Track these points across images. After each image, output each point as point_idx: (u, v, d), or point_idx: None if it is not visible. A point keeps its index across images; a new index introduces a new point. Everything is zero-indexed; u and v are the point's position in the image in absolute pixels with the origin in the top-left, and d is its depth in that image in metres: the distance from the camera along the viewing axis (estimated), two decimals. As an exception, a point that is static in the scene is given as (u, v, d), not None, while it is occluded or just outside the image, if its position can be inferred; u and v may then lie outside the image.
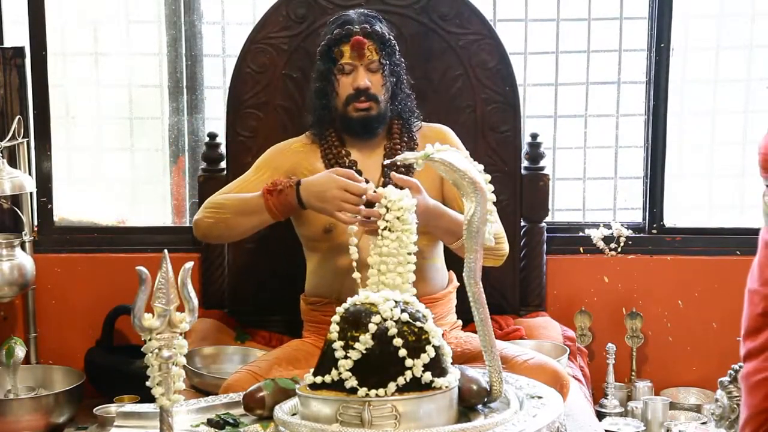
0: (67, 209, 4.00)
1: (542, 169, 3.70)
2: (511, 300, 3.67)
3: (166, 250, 2.09)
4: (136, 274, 2.02)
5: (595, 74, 4.00)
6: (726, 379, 2.99)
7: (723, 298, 3.83)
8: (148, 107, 4.05)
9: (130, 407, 2.47)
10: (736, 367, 2.94)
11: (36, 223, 3.92)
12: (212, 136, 3.70)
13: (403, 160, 2.43)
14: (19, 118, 3.74)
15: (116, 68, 3.99)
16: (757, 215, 2.47)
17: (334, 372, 2.20)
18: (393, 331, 2.20)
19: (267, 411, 2.39)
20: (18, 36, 3.88)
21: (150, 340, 2.07)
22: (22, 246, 3.74)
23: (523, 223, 3.68)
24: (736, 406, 2.93)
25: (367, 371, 2.18)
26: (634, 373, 3.88)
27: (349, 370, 2.18)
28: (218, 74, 4.00)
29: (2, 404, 3.52)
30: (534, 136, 3.71)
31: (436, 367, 2.22)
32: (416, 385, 2.19)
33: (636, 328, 3.87)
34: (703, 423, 3.63)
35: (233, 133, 3.58)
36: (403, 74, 3.15)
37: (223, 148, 3.65)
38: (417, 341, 2.21)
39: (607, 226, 3.90)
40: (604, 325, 3.90)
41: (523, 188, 3.64)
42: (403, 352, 2.18)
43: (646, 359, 3.93)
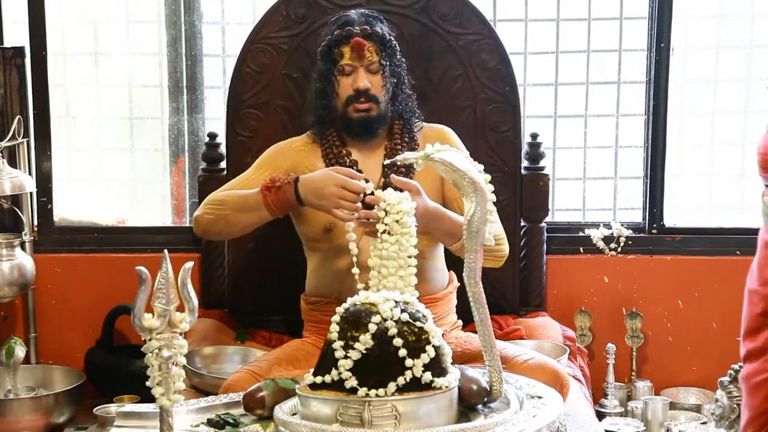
0: (67, 209, 4.00)
1: (542, 169, 3.70)
2: (511, 300, 3.67)
3: (166, 250, 2.09)
4: (136, 274, 2.02)
5: (595, 74, 3.99)
6: (726, 379, 2.99)
7: (723, 298, 3.83)
8: (148, 107, 4.05)
9: (130, 407, 2.47)
10: (736, 367, 2.93)
11: (36, 223, 3.91)
12: (212, 136, 3.70)
13: (403, 160, 2.43)
14: (19, 118, 3.74)
15: (116, 68, 3.99)
16: (757, 215, 2.47)
17: (334, 372, 2.20)
18: (393, 331, 2.19)
19: (267, 411, 2.39)
20: (18, 36, 3.88)
21: (150, 340, 2.07)
22: (22, 246, 3.74)
23: (523, 223, 3.68)
24: (736, 406, 2.93)
25: (367, 371, 2.18)
26: (634, 373, 3.88)
27: (349, 370, 2.18)
28: (218, 74, 4.00)
29: (2, 404, 3.52)
30: (534, 136, 3.71)
31: (436, 367, 2.22)
32: (416, 385, 2.18)
33: (636, 328, 3.87)
34: (703, 423, 3.63)
35: (233, 133, 3.58)
36: (404, 75, 3.15)
37: (223, 148, 3.65)
38: (417, 341, 2.21)
39: (607, 226, 3.90)
40: (604, 325, 3.90)
41: (523, 188, 3.64)
42: (403, 352, 2.18)
43: (646, 359, 3.93)
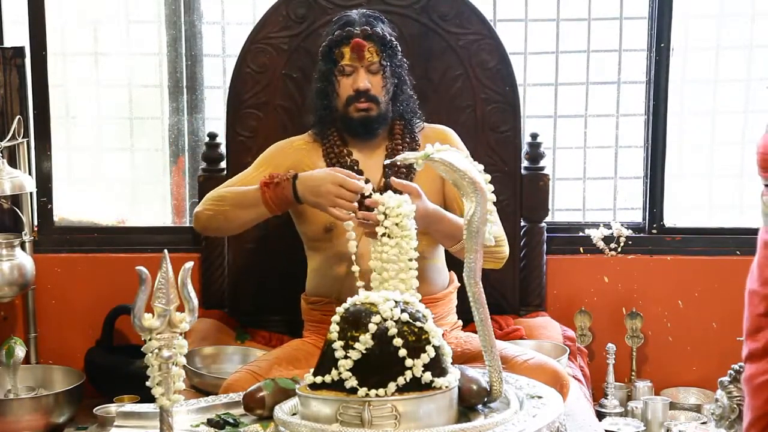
0: (67, 209, 4.00)
1: (542, 169, 3.70)
2: (511, 300, 3.67)
3: (166, 250, 2.09)
4: (136, 274, 2.02)
5: (595, 74, 3.99)
6: (726, 379, 2.99)
7: (723, 298, 3.83)
8: (148, 107, 4.05)
9: (130, 407, 2.47)
10: (736, 367, 2.93)
11: (36, 223, 3.91)
12: (212, 136, 3.70)
13: (403, 159, 2.43)
14: (19, 118, 3.74)
15: (116, 68, 3.99)
16: (757, 215, 2.47)
17: (334, 372, 2.20)
18: (393, 331, 2.19)
19: (267, 411, 2.39)
20: (18, 36, 3.88)
21: (150, 340, 2.07)
22: (22, 246, 3.74)
23: (523, 223, 3.68)
24: (736, 406, 2.93)
25: (367, 371, 2.18)
26: (634, 373, 3.88)
27: (349, 370, 2.18)
28: (218, 74, 4.00)
29: (2, 404, 3.52)
30: (534, 136, 3.71)
31: (436, 367, 2.22)
32: (416, 385, 2.18)
33: (636, 328, 3.87)
34: (703, 423, 3.63)
35: (233, 133, 3.58)
36: (405, 75, 3.14)
37: (223, 148, 3.65)
38: (417, 341, 2.21)
39: (607, 226, 3.90)
40: (604, 325, 3.89)
41: (523, 188, 3.64)
42: (403, 352, 2.18)
43: (646, 359, 3.93)
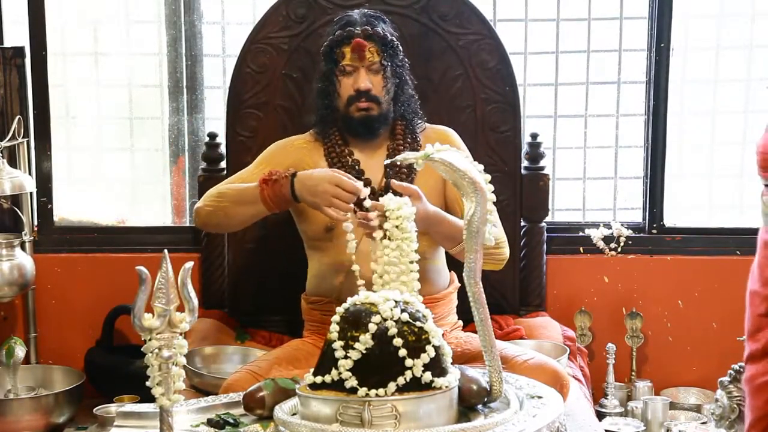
0: (67, 209, 4.00)
1: (542, 169, 3.70)
2: (511, 300, 3.67)
3: (166, 250, 2.09)
4: (136, 274, 2.02)
5: (595, 74, 3.99)
6: (726, 379, 2.99)
7: (723, 298, 3.83)
8: (148, 107, 4.05)
9: (130, 407, 2.47)
10: (736, 367, 2.94)
11: (36, 223, 3.91)
12: (212, 136, 3.70)
13: (403, 159, 2.43)
14: (19, 118, 3.74)
15: (116, 68, 3.99)
16: (757, 215, 2.47)
17: (334, 372, 2.20)
18: (393, 331, 2.19)
19: (267, 411, 2.39)
20: (18, 36, 3.88)
21: (150, 340, 2.07)
22: (22, 246, 3.74)
23: (523, 223, 3.68)
24: (736, 406, 2.93)
25: (367, 371, 2.17)
26: (634, 373, 3.88)
27: (349, 370, 2.18)
28: (218, 74, 4.00)
29: (2, 404, 3.52)
30: (534, 136, 3.71)
31: (436, 367, 2.22)
32: (416, 385, 2.18)
33: (636, 328, 3.87)
34: (703, 423, 3.63)
35: (233, 133, 3.58)
36: (407, 75, 3.14)
37: (223, 148, 3.65)
38: (417, 341, 2.21)
39: (607, 226, 3.90)
40: (604, 325, 3.89)
41: (523, 188, 3.64)
42: (403, 352, 2.18)
43: (646, 359, 3.93)
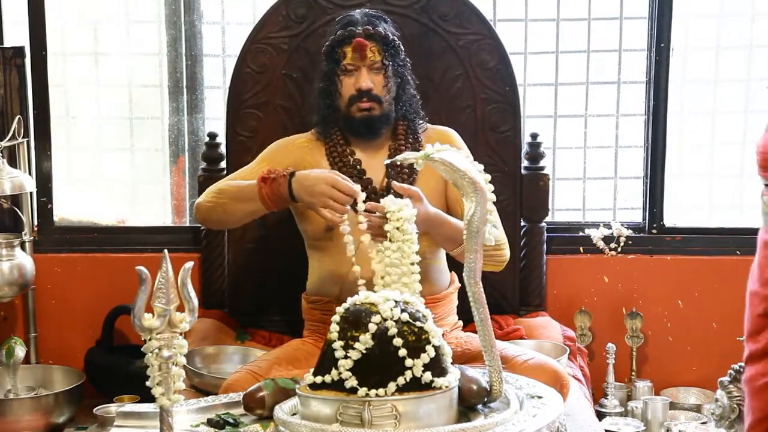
0: (67, 209, 4.00)
1: (542, 169, 3.70)
2: (511, 300, 3.67)
3: (166, 250, 2.09)
4: (136, 274, 2.02)
5: (595, 74, 3.99)
6: (726, 379, 2.99)
7: (723, 298, 3.83)
8: (148, 107, 4.05)
9: (130, 407, 2.47)
10: (736, 367, 2.93)
11: (36, 223, 3.91)
12: (212, 136, 3.70)
13: (404, 159, 2.43)
14: (19, 118, 3.73)
15: (116, 68, 3.99)
16: (757, 215, 2.47)
17: (334, 372, 2.20)
18: (393, 331, 2.19)
19: (267, 411, 2.39)
20: (18, 36, 3.88)
21: (150, 340, 2.07)
22: (22, 246, 3.74)
23: (523, 223, 3.68)
24: (736, 406, 2.93)
25: (367, 371, 2.18)
26: (634, 373, 3.88)
27: (349, 370, 2.18)
28: (218, 74, 4.00)
29: (2, 404, 3.52)
30: (534, 136, 3.71)
31: (436, 367, 2.22)
32: (416, 385, 2.18)
33: (636, 328, 3.87)
34: (703, 423, 3.63)
35: (233, 133, 3.58)
36: (408, 75, 3.14)
37: (223, 148, 3.65)
38: (417, 341, 2.21)
39: (607, 226, 3.90)
40: (604, 325, 3.89)
41: (523, 188, 3.64)
42: (403, 352, 2.18)
43: (646, 359, 3.93)
